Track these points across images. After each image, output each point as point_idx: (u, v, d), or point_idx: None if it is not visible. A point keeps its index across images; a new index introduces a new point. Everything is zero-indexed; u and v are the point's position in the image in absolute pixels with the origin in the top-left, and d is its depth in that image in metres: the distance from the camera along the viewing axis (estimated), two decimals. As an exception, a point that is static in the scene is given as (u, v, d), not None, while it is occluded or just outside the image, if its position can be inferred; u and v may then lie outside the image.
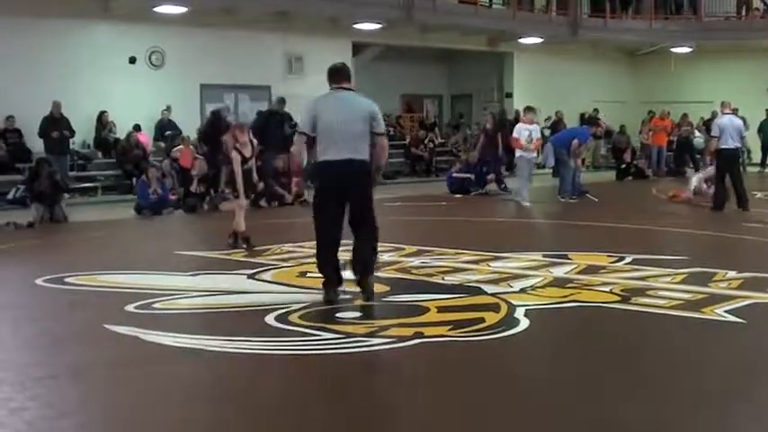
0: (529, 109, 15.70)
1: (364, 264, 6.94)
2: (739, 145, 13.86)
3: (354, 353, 5.51)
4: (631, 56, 28.19)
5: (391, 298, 7.20)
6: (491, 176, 17.75)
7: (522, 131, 15.08)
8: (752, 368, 5.26)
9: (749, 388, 4.87)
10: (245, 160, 9.91)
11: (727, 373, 5.11)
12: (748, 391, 4.81)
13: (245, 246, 9.85)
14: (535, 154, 15.60)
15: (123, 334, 5.99)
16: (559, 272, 8.14)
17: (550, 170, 17.85)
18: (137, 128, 17.72)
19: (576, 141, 15.94)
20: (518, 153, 15.22)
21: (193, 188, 14.62)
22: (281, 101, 18.30)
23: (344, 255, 7.11)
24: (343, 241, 7.06)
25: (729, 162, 13.59)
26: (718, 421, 4.36)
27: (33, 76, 16.40)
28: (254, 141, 10.34)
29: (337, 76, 6.95)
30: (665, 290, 7.26)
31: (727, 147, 13.52)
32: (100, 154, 17.81)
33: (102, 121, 17.60)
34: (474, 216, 13.84)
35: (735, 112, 23.58)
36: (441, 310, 6.62)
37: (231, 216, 10.27)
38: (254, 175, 10.32)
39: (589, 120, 22.62)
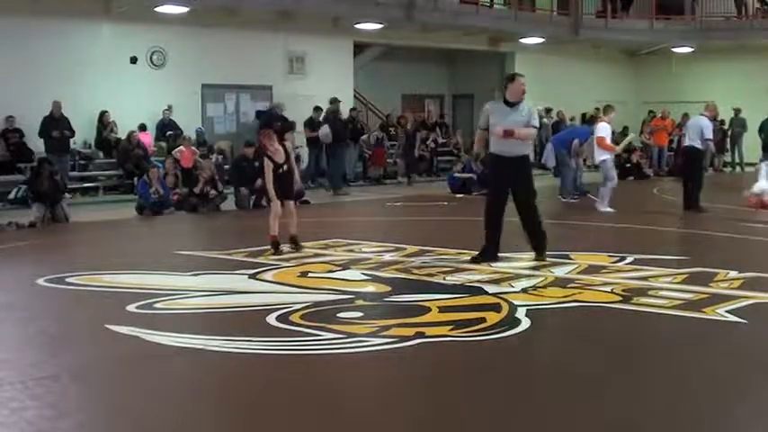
0: (609, 107, 14.37)
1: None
2: (697, 145, 13.52)
3: (355, 353, 5.52)
4: (632, 56, 28.20)
5: (393, 298, 7.21)
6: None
7: (608, 131, 13.74)
8: (753, 368, 5.25)
9: (750, 388, 4.87)
10: (276, 167, 9.59)
11: (728, 374, 5.11)
12: (749, 391, 4.81)
13: (272, 250, 9.53)
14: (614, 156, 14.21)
15: (124, 334, 5.99)
16: (560, 272, 8.14)
17: (551, 170, 17.81)
18: (142, 128, 17.72)
19: (576, 141, 15.92)
20: (602, 156, 13.67)
21: (198, 189, 14.58)
22: (336, 101, 18.47)
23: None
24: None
25: (688, 160, 13.79)
26: (720, 421, 4.37)
27: (34, 76, 16.39)
28: (288, 145, 10.05)
29: None
30: (667, 290, 7.27)
31: (685, 145, 13.91)
32: (101, 154, 17.81)
33: (104, 121, 17.60)
34: (476, 216, 13.80)
35: (737, 113, 23.59)
36: (442, 310, 6.62)
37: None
38: (296, 178, 10.05)
39: (590, 119, 22.59)
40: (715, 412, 4.47)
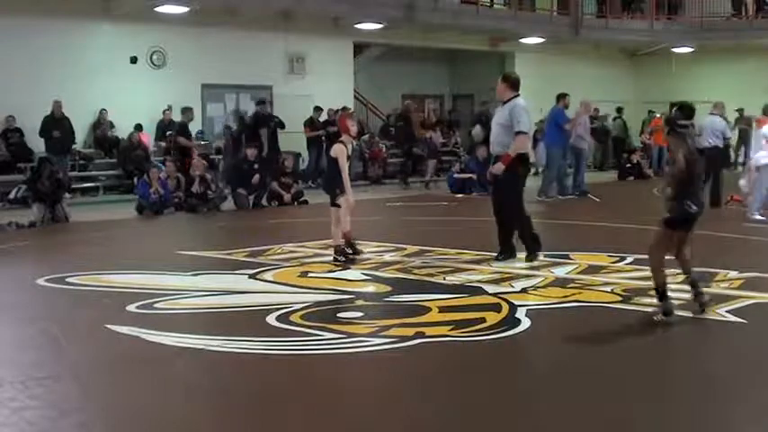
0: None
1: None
2: (719, 144, 13.61)
3: (356, 353, 5.52)
4: (632, 56, 28.19)
5: (393, 298, 7.21)
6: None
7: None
8: (753, 368, 5.26)
9: (750, 388, 4.87)
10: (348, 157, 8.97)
11: (728, 374, 5.11)
12: (749, 392, 4.81)
13: (350, 252, 8.88)
14: None
15: (124, 334, 6.00)
16: (561, 272, 8.15)
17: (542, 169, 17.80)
18: (138, 128, 17.71)
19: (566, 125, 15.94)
20: (766, 159, 12.31)
21: (194, 188, 14.58)
22: (488, 102, 18.84)
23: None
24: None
25: (708, 161, 13.70)
26: (719, 421, 4.37)
27: (34, 76, 16.38)
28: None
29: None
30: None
31: (706, 147, 13.69)
32: (103, 153, 17.79)
33: (100, 119, 17.58)
34: (475, 216, 13.82)
35: (740, 112, 23.56)
36: (442, 310, 6.63)
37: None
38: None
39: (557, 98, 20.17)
40: (715, 412, 4.47)
